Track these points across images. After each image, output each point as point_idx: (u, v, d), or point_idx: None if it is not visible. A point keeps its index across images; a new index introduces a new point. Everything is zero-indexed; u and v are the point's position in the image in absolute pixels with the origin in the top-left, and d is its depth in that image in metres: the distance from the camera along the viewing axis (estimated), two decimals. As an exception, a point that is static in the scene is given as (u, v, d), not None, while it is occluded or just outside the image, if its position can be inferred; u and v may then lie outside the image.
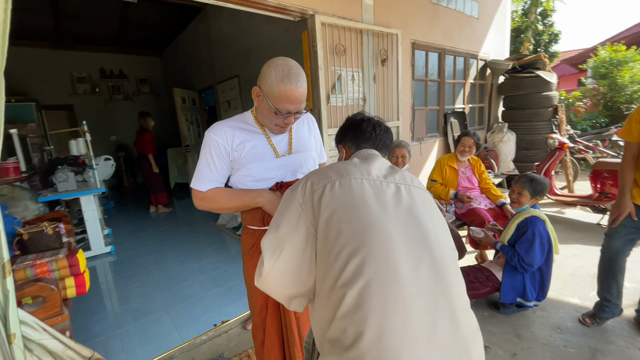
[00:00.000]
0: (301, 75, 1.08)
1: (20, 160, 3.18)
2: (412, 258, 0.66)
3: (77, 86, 6.41)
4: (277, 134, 1.24)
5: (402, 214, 0.71)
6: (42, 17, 5.34)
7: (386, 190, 0.75)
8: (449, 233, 0.77)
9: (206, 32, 5.25)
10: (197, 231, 4.03)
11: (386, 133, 1.01)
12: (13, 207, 2.88)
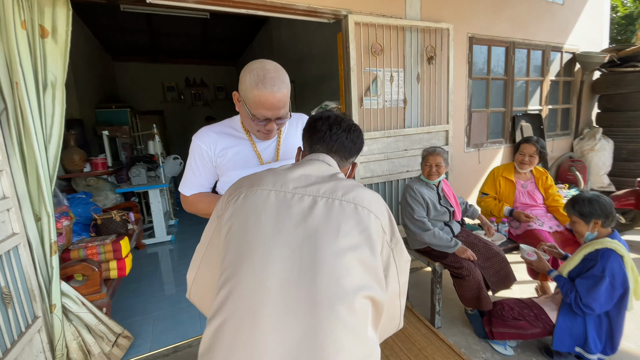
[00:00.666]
0: (278, 79, 1.01)
1: (107, 157, 3.80)
2: (284, 300, 0.54)
3: (167, 94, 7.42)
4: (261, 140, 1.20)
5: (299, 237, 0.60)
6: (141, 37, 6.32)
7: (296, 204, 0.64)
8: (364, 268, 0.61)
9: (269, 40, 5.55)
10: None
11: (347, 133, 0.86)
12: (96, 196, 3.45)
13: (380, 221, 0.68)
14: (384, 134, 2.51)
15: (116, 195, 3.55)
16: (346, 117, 0.91)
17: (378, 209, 0.69)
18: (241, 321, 0.53)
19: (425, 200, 2.03)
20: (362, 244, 0.62)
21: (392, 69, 2.49)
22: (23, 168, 1.64)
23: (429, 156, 2.07)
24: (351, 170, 0.94)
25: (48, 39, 1.71)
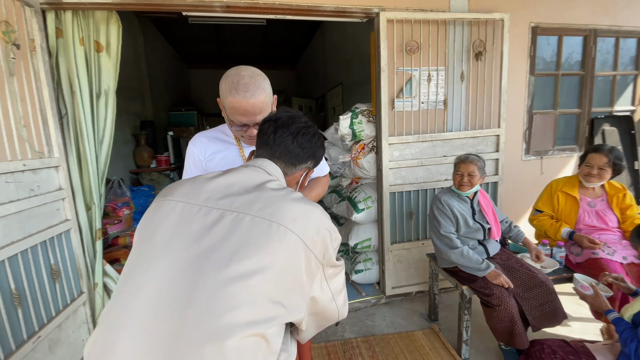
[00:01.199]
0: (253, 84, 1.01)
1: (170, 154, 4.26)
2: (146, 332, 0.50)
3: (232, 98, 8.02)
4: (247, 145, 1.21)
5: (188, 258, 0.55)
6: (211, 46, 6.93)
7: (199, 219, 0.60)
8: (260, 299, 0.54)
9: (322, 43, 5.59)
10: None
11: (294, 137, 0.79)
12: (158, 189, 3.88)
13: (302, 240, 0.61)
14: (418, 138, 2.32)
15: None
16: (301, 120, 0.85)
17: (302, 225, 0.63)
18: (103, 348, 0.51)
19: (454, 214, 1.81)
20: (267, 269, 0.56)
21: (430, 68, 2.28)
22: (78, 164, 1.91)
23: (460, 164, 1.84)
24: (304, 178, 0.88)
25: (103, 53, 1.96)
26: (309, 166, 0.87)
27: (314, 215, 0.67)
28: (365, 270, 2.52)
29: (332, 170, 3.00)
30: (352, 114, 2.41)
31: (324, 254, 0.66)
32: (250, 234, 0.58)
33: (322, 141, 0.90)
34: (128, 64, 4.30)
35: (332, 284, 0.71)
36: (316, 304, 0.68)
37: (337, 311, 0.75)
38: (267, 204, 0.63)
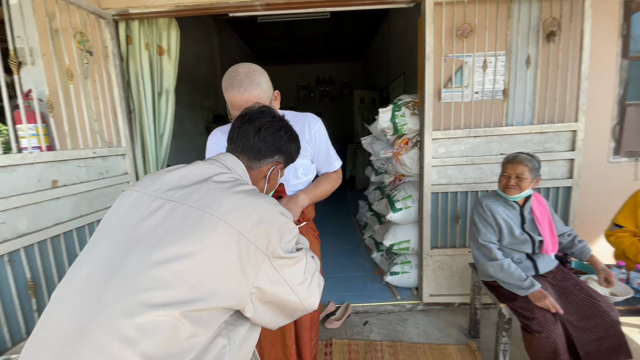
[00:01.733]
0: (247, 80, 1.04)
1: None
2: (78, 301, 0.56)
3: (300, 92, 8.28)
4: None
5: (124, 240, 0.61)
6: (282, 42, 7.24)
7: (143, 207, 0.65)
8: (183, 283, 0.57)
9: (388, 32, 5.36)
10: (335, 220, 4.36)
11: (256, 132, 0.80)
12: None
13: (237, 230, 0.62)
14: (468, 133, 2.07)
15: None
16: (269, 114, 0.85)
17: (240, 216, 0.63)
18: (43, 320, 0.58)
19: (497, 221, 1.58)
20: (192, 256, 0.58)
21: (486, 53, 2.00)
22: (142, 153, 2.22)
23: (507, 164, 1.59)
24: (272, 172, 0.87)
25: (164, 56, 2.22)
26: (277, 161, 0.87)
27: (256, 207, 0.67)
28: (402, 273, 2.38)
29: (375, 166, 2.89)
30: (394, 107, 2.27)
31: (267, 246, 0.66)
32: (182, 222, 0.61)
33: (290, 136, 0.88)
34: (204, 63, 4.80)
35: (287, 275, 0.70)
36: (264, 293, 0.67)
37: (301, 302, 0.73)
38: (206, 195, 0.65)
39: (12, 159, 1.37)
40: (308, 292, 0.75)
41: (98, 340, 0.53)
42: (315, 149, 1.31)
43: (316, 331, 1.43)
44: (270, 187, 0.92)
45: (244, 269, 0.63)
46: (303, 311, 0.76)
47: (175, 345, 0.56)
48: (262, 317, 0.71)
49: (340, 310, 2.25)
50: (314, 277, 0.78)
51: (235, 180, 0.75)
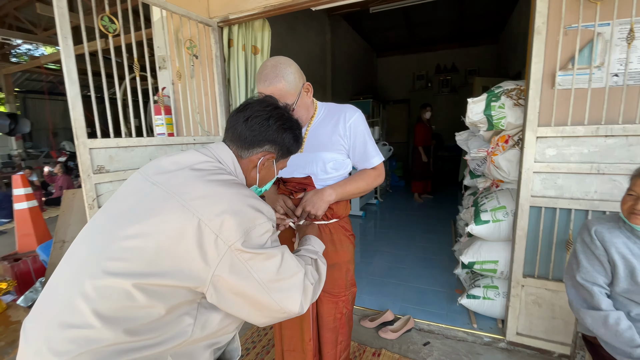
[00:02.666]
0: (272, 73, 1.07)
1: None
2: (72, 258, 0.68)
3: (416, 83, 7.76)
4: None
5: (107, 215, 0.71)
6: (399, 31, 6.93)
7: (134, 187, 0.74)
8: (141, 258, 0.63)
9: (527, 8, 4.38)
10: (433, 224, 3.95)
11: (245, 121, 0.82)
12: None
13: (197, 218, 0.65)
14: (596, 131, 1.51)
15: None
16: (262, 104, 0.85)
17: (204, 204, 0.66)
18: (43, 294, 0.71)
19: (610, 257, 1.12)
20: (152, 235, 0.64)
21: (633, 19, 1.40)
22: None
23: (637, 180, 1.09)
24: (265, 162, 0.87)
25: (258, 55, 2.46)
26: (268, 151, 0.86)
27: (223, 197, 0.69)
28: (484, 298, 1.97)
29: (471, 167, 2.46)
30: (490, 96, 1.86)
31: (229, 237, 0.66)
32: (153, 203, 0.68)
33: (280, 125, 0.85)
34: (314, 60, 5.07)
35: (255, 270, 0.69)
36: (228, 283, 0.68)
37: (275, 302, 0.72)
38: (182, 181, 0.70)
39: (131, 142, 1.79)
40: (283, 294, 0.73)
41: (68, 293, 0.65)
42: (351, 144, 1.22)
43: (345, 335, 1.35)
44: (263, 178, 0.92)
45: (205, 256, 0.65)
46: (281, 312, 0.74)
47: (129, 311, 0.63)
48: (232, 309, 0.71)
49: (400, 322, 2.05)
50: (294, 278, 0.75)
51: (216, 169, 0.77)
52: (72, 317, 0.61)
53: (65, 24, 1.47)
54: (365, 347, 1.91)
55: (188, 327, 0.68)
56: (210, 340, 0.74)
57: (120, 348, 0.61)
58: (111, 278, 0.62)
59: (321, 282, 0.88)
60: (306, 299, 0.77)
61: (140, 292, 0.62)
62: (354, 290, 1.37)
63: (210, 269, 0.66)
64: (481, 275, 2.11)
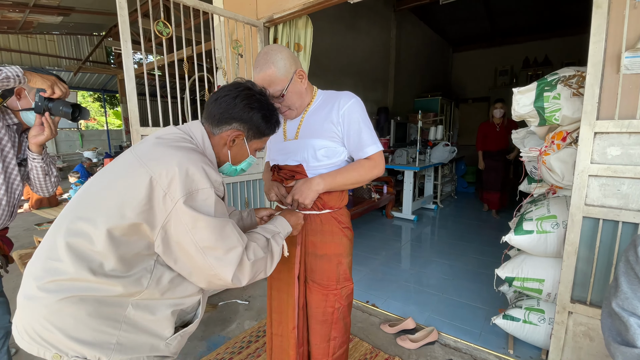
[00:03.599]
0: (262, 60, 1.11)
1: (391, 138, 4.57)
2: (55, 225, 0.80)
3: (498, 79, 6.95)
4: (286, 118, 1.27)
5: (99, 176, 0.83)
6: (480, 23, 6.33)
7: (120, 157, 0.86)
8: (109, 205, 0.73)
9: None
10: (494, 233, 3.50)
11: (214, 101, 0.90)
12: (370, 167, 4.37)
13: (150, 175, 0.73)
14: (680, 126, 1.17)
15: (383, 169, 4.29)
16: (233, 86, 0.92)
17: (157, 164, 0.75)
18: None
19: (660, 284, 0.86)
20: (123, 191, 0.74)
21: None
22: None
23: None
24: (234, 140, 0.92)
25: (301, 52, 2.55)
26: (237, 128, 0.91)
27: (174, 159, 0.76)
28: (525, 322, 1.68)
29: (528, 170, 2.12)
30: (541, 84, 1.58)
31: (174, 195, 0.73)
32: (123, 164, 0.81)
33: (246, 104, 0.89)
34: (375, 56, 4.96)
35: (195, 234, 0.74)
36: (170, 238, 0.75)
37: (209, 267, 0.77)
38: (150, 147, 0.82)
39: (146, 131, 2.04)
40: (218, 262, 0.77)
41: (53, 233, 0.78)
42: (345, 131, 1.18)
43: (340, 331, 1.32)
44: (235, 156, 0.97)
45: (154, 210, 0.73)
46: (216, 278, 0.78)
47: (91, 254, 0.73)
48: (176, 265, 0.78)
49: (422, 332, 1.89)
50: (231, 251, 0.78)
51: (179, 139, 0.86)
52: (50, 251, 0.74)
53: (126, 30, 1.76)
54: (379, 351, 1.82)
55: (144, 280, 0.76)
56: (172, 301, 0.82)
57: (81, 285, 0.71)
58: (81, 222, 0.74)
59: (271, 260, 0.90)
60: (242, 272, 0.80)
61: (103, 238, 0.71)
62: (349, 286, 1.32)
63: (158, 223, 0.74)
64: (526, 296, 1.81)
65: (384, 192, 3.98)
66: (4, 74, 1.06)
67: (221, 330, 2.01)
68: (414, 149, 4.24)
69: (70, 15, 6.38)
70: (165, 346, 0.82)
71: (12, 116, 1.28)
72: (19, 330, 0.74)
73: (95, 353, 0.72)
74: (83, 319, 0.71)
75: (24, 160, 1.34)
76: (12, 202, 1.31)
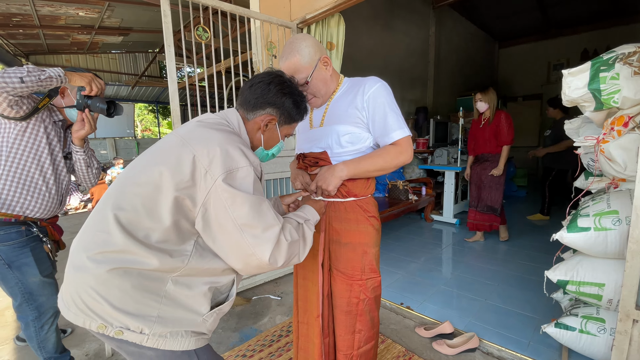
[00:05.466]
0: (287, 48, 1.15)
1: (430, 138, 4.39)
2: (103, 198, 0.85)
3: (552, 74, 6.41)
4: (312, 106, 1.27)
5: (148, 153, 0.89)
6: (530, 14, 5.91)
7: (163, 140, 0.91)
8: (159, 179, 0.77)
9: None
10: (546, 247, 3.18)
11: (249, 88, 0.94)
12: (407, 168, 4.23)
13: (193, 154, 0.78)
14: None
15: (420, 170, 4.11)
16: (266, 73, 0.96)
17: (199, 143, 0.79)
18: None
19: None
20: (167, 165, 0.78)
21: None
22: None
23: None
24: (267, 125, 0.96)
25: (333, 50, 2.56)
26: (270, 113, 0.95)
27: (214, 139, 0.81)
28: (581, 332, 1.49)
29: (584, 164, 1.91)
30: (596, 64, 1.41)
31: (215, 172, 0.76)
32: (167, 145, 0.85)
33: (279, 90, 0.93)
34: (414, 55, 4.83)
35: (233, 210, 0.77)
36: (210, 215, 0.78)
37: (247, 245, 0.78)
38: (191, 129, 0.86)
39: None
40: (257, 240, 0.78)
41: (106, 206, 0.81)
42: (370, 116, 1.15)
43: (365, 325, 1.26)
44: (267, 140, 1.01)
45: (196, 186, 0.77)
46: (253, 258, 0.79)
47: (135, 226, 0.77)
48: (215, 244, 0.81)
49: (461, 337, 1.76)
50: (269, 229, 0.79)
51: (217, 123, 0.90)
52: (100, 224, 0.79)
53: (169, 36, 1.90)
54: (413, 354, 1.72)
55: (184, 257, 0.79)
56: (208, 278, 0.85)
57: (127, 258, 0.75)
58: (129, 196, 0.79)
59: (304, 245, 0.90)
60: (279, 253, 0.81)
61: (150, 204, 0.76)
62: (376, 278, 1.27)
63: (199, 200, 0.77)
64: (584, 303, 1.60)
65: (422, 193, 3.82)
66: (48, 74, 1.20)
67: (253, 323, 2.04)
68: (455, 148, 4.03)
69: (129, 34, 7.08)
70: (202, 322, 0.84)
71: (57, 113, 1.44)
72: (65, 301, 0.79)
73: (138, 324, 0.75)
74: (128, 290, 0.74)
75: (69, 154, 1.50)
76: (61, 192, 1.47)
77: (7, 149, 1.33)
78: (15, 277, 1.38)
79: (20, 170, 1.35)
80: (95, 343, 1.93)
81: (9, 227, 1.34)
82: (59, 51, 8.07)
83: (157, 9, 5.27)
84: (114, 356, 1.80)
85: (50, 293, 1.49)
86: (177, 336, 0.79)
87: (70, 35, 6.80)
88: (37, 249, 1.42)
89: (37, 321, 1.46)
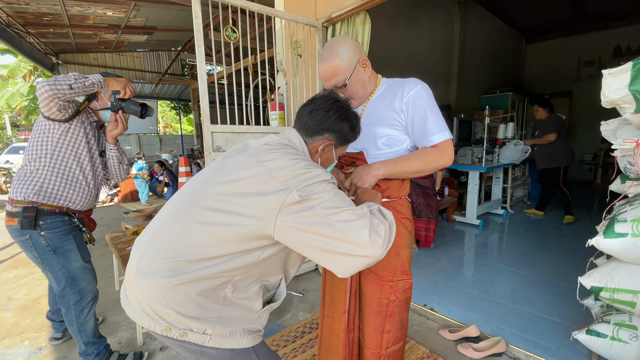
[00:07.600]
0: (326, 52, 1.15)
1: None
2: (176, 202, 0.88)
3: (582, 71, 6.15)
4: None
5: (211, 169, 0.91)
6: (560, 9, 5.67)
7: (230, 156, 0.93)
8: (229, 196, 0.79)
9: None
10: (574, 251, 3.08)
11: (309, 114, 0.96)
12: (428, 167, 4.17)
13: (269, 173, 0.79)
14: None
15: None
16: (324, 98, 0.98)
17: (274, 163, 0.81)
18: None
19: None
20: (237, 183, 0.80)
21: None
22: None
23: None
24: (325, 148, 0.98)
25: (358, 48, 2.55)
26: (327, 139, 0.98)
27: (286, 159, 0.83)
28: (613, 339, 1.44)
29: (621, 167, 1.84)
30: (638, 64, 1.35)
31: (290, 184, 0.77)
32: (239, 163, 0.85)
33: (338, 116, 0.96)
34: (437, 52, 4.74)
35: (313, 205, 0.76)
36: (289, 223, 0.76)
37: (340, 232, 0.74)
38: (261, 150, 0.88)
39: (242, 129, 2.19)
40: (347, 224, 0.74)
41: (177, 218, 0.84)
42: (409, 119, 1.15)
43: (395, 325, 1.28)
44: (324, 162, 1.03)
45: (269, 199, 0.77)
46: (353, 245, 0.75)
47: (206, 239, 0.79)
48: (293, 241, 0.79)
49: (487, 341, 1.74)
50: (350, 209, 0.77)
51: (283, 145, 0.92)
52: (170, 234, 0.81)
53: (200, 37, 1.95)
54: (437, 356, 1.72)
55: (248, 262, 0.81)
56: (260, 277, 0.87)
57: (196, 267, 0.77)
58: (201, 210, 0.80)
59: (392, 226, 0.85)
60: (377, 234, 0.76)
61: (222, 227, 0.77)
62: (407, 280, 1.27)
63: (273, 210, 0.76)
64: (616, 310, 1.55)
65: (445, 193, 3.76)
66: (91, 81, 1.34)
67: (277, 319, 2.09)
68: (479, 148, 3.94)
69: (153, 33, 7.26)
70: (257, 318, 0.87)
71: (92, 115, 1.58)
72: (132, 304, 0.82)
73: (201, 325, 0.78)
74: (192, 297, 0.77)
75: (103, 151, 1.64)
76: (97, 185, 1.62)
77: (52, 148, 1.46)
78: (60, 262, 1.51)
79: (64, 167, 1.49)
80: (127, 332, 2.02)
81: (54, 216, 1.47)
82: (87, 50, 8.38)
83: (180, 8, 5.39)
84: (145, 345, 1.88)
85: (90, 278, 1.62)
86: (236, 335, 0.83)
87: (98, 34, 7.05)
88: (78, 237, 1.57)
89: (78, 304, 1.57)
